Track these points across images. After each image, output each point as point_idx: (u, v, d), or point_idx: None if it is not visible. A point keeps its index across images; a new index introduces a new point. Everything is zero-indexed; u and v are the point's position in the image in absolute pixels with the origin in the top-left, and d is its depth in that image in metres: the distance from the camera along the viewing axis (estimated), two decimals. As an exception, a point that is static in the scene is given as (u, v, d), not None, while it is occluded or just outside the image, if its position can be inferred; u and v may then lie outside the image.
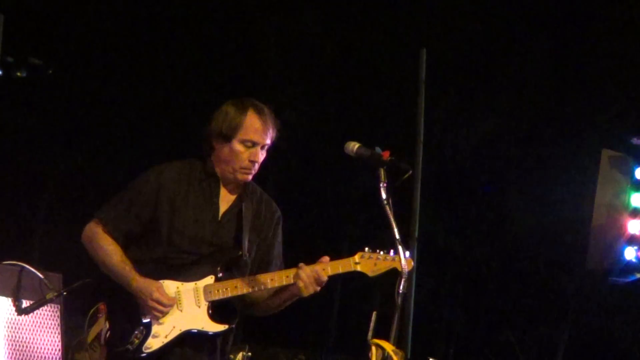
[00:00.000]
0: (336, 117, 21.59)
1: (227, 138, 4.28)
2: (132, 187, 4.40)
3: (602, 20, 21.71)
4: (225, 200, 4.39)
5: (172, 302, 4.23)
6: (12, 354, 5.80)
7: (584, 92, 21.91)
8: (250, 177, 4.35)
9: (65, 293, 5.75)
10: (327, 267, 4.24)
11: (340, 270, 4.26)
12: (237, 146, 4.28)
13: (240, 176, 4.32)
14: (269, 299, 4.41)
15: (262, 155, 4.33)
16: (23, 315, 5.73)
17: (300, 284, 4.21)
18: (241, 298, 4.35)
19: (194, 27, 21.29)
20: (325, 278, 4.23)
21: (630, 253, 8.68)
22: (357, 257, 4.28)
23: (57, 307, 6.02)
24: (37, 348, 5.91)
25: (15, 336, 5.83)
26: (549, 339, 22.87)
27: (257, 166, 4.33)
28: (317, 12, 21.71)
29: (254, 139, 4.28)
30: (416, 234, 12.27)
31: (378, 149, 4.08)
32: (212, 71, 20.98)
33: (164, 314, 4.22)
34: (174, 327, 4.24)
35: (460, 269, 23.18)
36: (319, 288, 4.24)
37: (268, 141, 4.32)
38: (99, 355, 4.40)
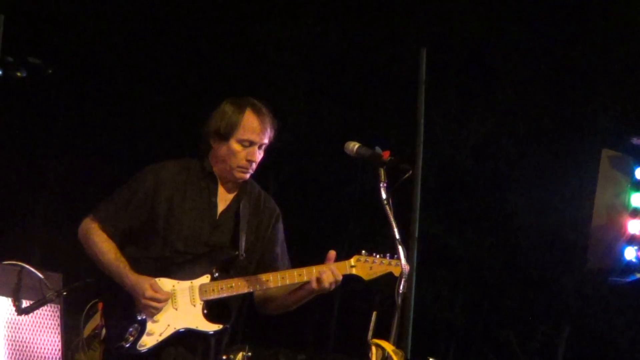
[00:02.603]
0: (336, 117, 21.57)
1: (225, 137, 4.28)
2: (130, 185, 4.39)
3: (602, 20, 21.71)
4: (224, 199, 4.39)
5: (167, 297, 4.21)
6: (12, 354, 5.79)
7: (584, 92, 21.91)
8: (247, 175, 4.34)
9: (65, 293, 5.75)
10: (333, 268, 4.25)
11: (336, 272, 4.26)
12: (235, 145, 4.27)
13: (237, 175, 4.32)
14: (286, 296, 4.39)
15: (259, 155, 4.32)
16: (23, 315, 5.73)
17: (325, 285, 4.24)
18: (256, 296, 4.35)
19: (194, 27, 21.28)
20: (340, 277, 4.25)
21: (630, 253, 8.66)
22: (353, 261, 4.28)
23: (57, 307, 6.02)
24: (37, 348, 5.91)
25: (15, 336, 5.83)
26: (549, 339, 22.86)
27: (254, 165, 4.32)
28: (317, 12, 21.70)
29: (251, 139, 4.27)
30: (416, 234, 12.27)
31: (378, 149, 4.08)
32: (212, 71, 20.97)
33: (159, 310, 4.21)
34: (168, 325, 4.23)
35: (460, 268, 23.16)
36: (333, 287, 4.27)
37: (266, 140, 4.31)
38: (99, 354, 4.40)
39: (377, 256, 4.26)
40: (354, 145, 4.14)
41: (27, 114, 20.16)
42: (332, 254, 4.28)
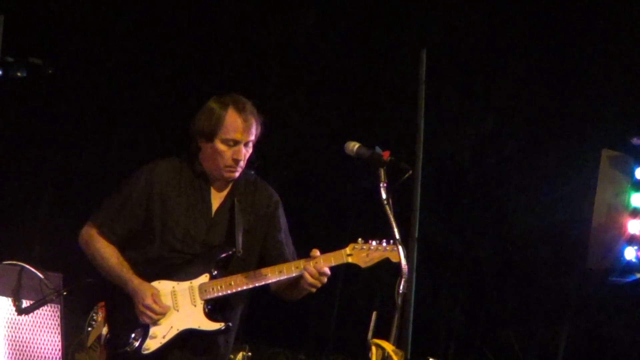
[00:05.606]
0: (336, 117, 21.58)
1: (209, 137, 4.23)
2: (124, 188, 4.37)
3: (602, 20, 21.71)
4: (218, 197, 4.36)
5: (164, 311, 4.19)
6: (12, 354, 5.80)
7: (584, 92, 21.92)
8: (236, 174, 4.30)
9: (65, 293, 5.76)
10: (320, 260, 4.22)
11: (333, 262, 4.20)
12: (220, 145, 4.23)
13: (226, 175, 4.29)
14: (287, 290, 4.35)
15: (247, 153, 4.27)
16: (23, 315, 5.73)
17: (306, 286, 4.18)
18: (271, 286, 4.32)
19: (194, 27, 21.29)
20: (328, 271, 4.17)
21: (630, 253, 8.67)
22: (349, 249, 4.24)
23: (57, 307, 6.02)
24: (37, 348, 5.91)
25: (15, 336, 5.83)
26: (549, 339, 22.88)
27: (242, 163, 4.28)
28: (317, 12, 21.71)
29: (235, 138, 4.21)
30: (416, 234, 12.28)
31: (378, 149, 4.06)
32: (212, 71, 20.97)
33: (153, 319, 4.19)
34: (171, 327, 4.22)
35: (460, 269, 23.17)
36: (325, 281, 4.21)
37: (251, 138, 4.24)
38: (98, 355, 4.40)
39: (373, 243, 4.22)
40: (354, 145, 4.13)
41: (27, 114, 20.16)
42: (315, 251, 4.24)
